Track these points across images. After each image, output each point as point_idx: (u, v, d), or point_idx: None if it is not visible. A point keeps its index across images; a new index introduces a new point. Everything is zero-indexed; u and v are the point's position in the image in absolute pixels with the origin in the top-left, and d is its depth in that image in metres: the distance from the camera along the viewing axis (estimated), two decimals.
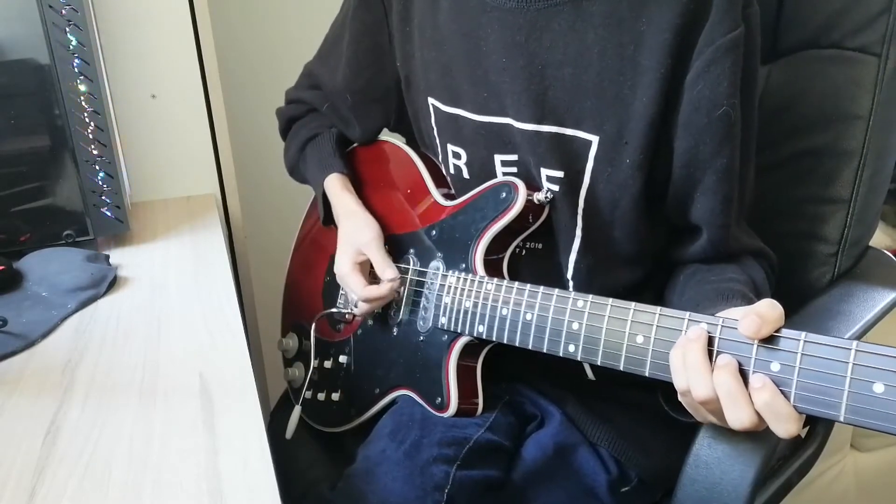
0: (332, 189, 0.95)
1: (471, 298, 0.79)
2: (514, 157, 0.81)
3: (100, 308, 0.85)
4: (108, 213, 0.98)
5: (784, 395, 0.55)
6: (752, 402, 0.56)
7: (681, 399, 0.63)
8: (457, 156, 0.87)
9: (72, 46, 0.91)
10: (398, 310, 0.88)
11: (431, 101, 0.87)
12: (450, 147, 0.87)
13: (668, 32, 0.69)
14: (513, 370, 0.87)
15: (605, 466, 0.82)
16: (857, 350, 0.52)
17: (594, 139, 0.75)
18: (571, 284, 0.82)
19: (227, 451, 0.59)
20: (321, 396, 0.97)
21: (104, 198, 0.97)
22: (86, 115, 0.93)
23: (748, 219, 0.80)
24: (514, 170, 0.82)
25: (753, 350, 0.57)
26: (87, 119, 0.94)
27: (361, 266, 0.89)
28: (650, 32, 0.70)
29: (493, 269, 0.81)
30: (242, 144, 1.31)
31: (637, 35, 0.71)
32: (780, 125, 0.88)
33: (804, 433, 0.79)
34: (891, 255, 0.91)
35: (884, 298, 0.83)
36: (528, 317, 0.73)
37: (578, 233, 0.80)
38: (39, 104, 0.92)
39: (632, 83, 0.72)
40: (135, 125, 1.14)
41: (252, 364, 0.71)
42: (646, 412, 0.83)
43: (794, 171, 0.88)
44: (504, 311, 0.75)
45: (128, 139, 1.13)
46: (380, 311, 0.90)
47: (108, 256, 0.96)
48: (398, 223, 0.92)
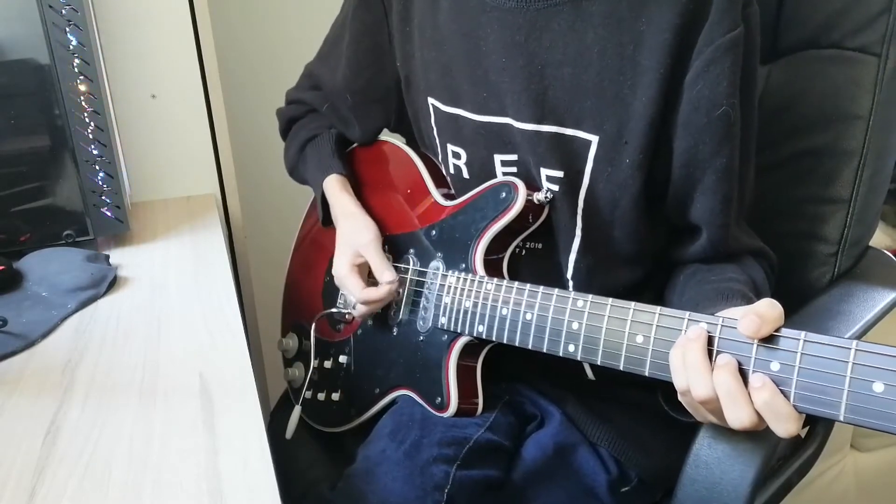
0: (331, 190, 0.95)
1: (471, 298, 0.79)
2: (514, 157, 0.81)
3: (100, 308, 0.85)
4: (108, 213, 0.98)
5: (784, 395, 0.55)
6: (752, 402, 0.56)
7: (681, 399, 0.63)
8: (457, 156, 0.87)
9: (72, 46, 0.91)
10: (398, 310, 0.88)
11: (431, 101, 0.87)
12: (450, 147, 0.87)
13: (668, 32, 0.69)
14: (513, 370, 0.87)
15: (605, 466, 0.82)
16: (857, 349, 0.52)
17: (594, 139, 0.75)
18: (571, 284, 0.82)
19: (227, 451, 0.59)
20: (321, 396, 0.97)
21: (104, 198, 0.97)
22: (86, 115, 0.93)
23: (748, 219, 0.80)
24: (514, 170, 0.82)
25: (753, 350, 0.57)
26: (87, 119, 0.94)
27: (360, 268, 0.88)
28: (650, 32, 0.70)
29: (493, 269, 0.81)
30: (242, 144, 1.31)
31: (637, 35, 0.71)
32: (780, 125, 0.88)
33: (804, 433, 0.79)
34: (891, 255, 0.91)
35: (884, 298, 0.83)
36: (528, 317, 0.73)
37: (578, 233, 0.80)
38: (39, 104, 0.92)
39: (631, 83, 0.72)
40: (135, 125, 1.14)
41: (252, 364, 0.71)
42: (646, 412, 0.83)
43: (794, 171, 0.89)
44: (504, 311, 0.75)
45: (128, 139, 1.13)
46: (380, 311, 0.90)
47: (108, 256, 0.96)
48: (398, 223, 0.92)
